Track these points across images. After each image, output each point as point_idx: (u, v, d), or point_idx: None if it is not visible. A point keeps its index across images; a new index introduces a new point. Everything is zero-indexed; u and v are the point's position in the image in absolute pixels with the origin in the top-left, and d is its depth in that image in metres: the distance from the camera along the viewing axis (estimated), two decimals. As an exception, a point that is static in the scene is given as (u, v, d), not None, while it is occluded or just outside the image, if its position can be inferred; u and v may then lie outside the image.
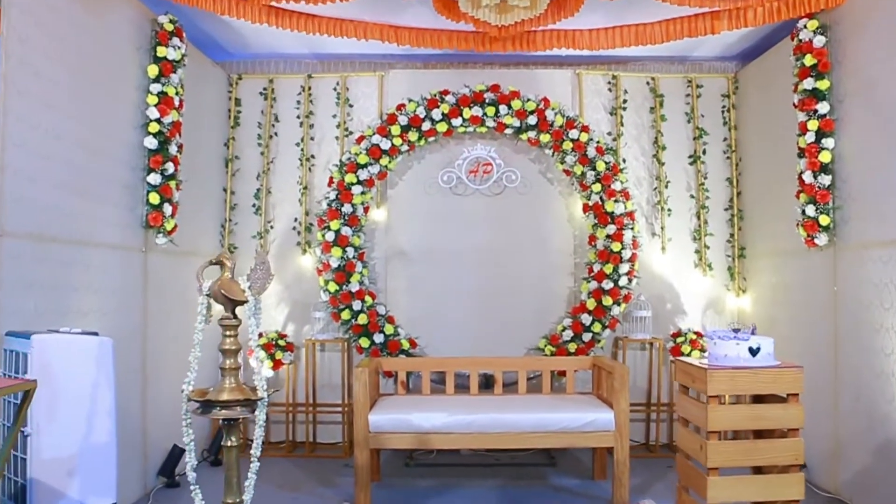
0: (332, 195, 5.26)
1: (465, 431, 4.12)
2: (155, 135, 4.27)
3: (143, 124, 4.28)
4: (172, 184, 4.38)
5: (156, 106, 4.28)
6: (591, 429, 4.13)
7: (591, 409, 4.25)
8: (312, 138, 5.68)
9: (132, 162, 4.23)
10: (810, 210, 4.30)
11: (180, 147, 4.48)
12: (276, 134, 5.69)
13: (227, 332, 2.55)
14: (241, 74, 5.73)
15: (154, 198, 4.27)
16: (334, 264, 5.17)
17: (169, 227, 4.38)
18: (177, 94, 4.43)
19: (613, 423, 4.13)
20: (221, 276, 2.53)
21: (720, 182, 5.66)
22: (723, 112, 5.69)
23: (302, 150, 5.66)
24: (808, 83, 4.32)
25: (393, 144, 5.25)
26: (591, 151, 5.24)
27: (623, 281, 5.20)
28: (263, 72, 5.74)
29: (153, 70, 4.30)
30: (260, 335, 5.27)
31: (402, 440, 4.14)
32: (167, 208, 4.34)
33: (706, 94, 5.71)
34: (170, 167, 4.35)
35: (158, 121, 4.29)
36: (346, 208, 5.21)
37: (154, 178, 4.27)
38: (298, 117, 5.69)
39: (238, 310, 2.62)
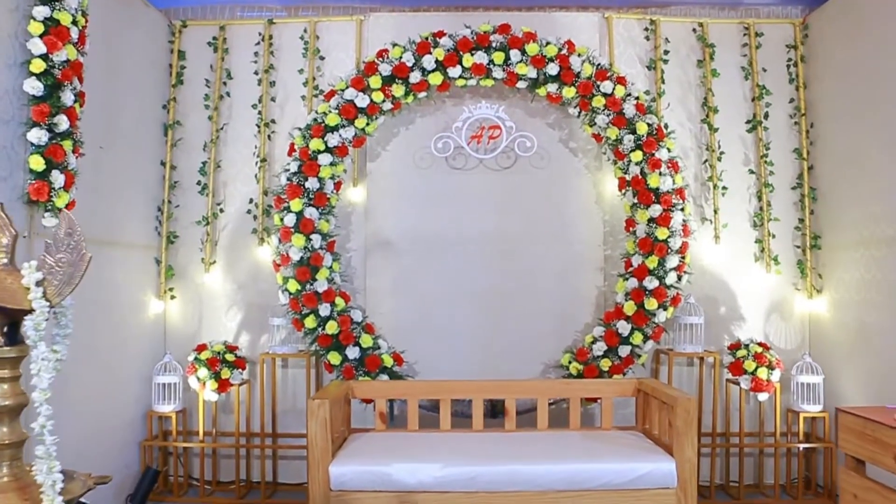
0: (294, 167, 4.07)
1: (466, 490, 2.93)
2: (39, 76, 3.10)
3: (22, 62, 3.12)
4: (67, 145, 3.20)
5: (41, 37, 3.11)
6: (643, 485, 2.95)
7: (644, 457, 3.06)
8: (273, 99, 4.54)
9: (5, 113, 3.06)
10: (938, 180, 3.15)
11: (80, 96, 3.31)
12: (227, 94, 4.58)
13: (-6, 372, 1.38)
14: (186, 21, 4.59)
15: (36, 162, 3.09)
16: (295, 256, 3.99)
17: (61, 202, 3.20)
18: (75, 23, 3.26)
19: (675, 476, 2.95)
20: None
21: (786, 154, 4.50)
22: (788, 67, 4.55)
23: (260, 113, 4.51)
24: (936, 6, 3.17)
25: (372, 101, 4.06)
26: (630, 110, 4.05)
27: (671, 278, 4.02)
28: (214, 18, 4.61)
29: (38, -12, 3.14)
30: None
31: (376, 502, 2.95)
32: (57, 177, 3.16)
33: (767, 45, 4.57)
34: (62, 122, 3.17)
35: (45, 57, 3.12)
36: (311, 183, 4.02)
37: (37, 136, 3.09)
38: (256, 73, 4.56)
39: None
